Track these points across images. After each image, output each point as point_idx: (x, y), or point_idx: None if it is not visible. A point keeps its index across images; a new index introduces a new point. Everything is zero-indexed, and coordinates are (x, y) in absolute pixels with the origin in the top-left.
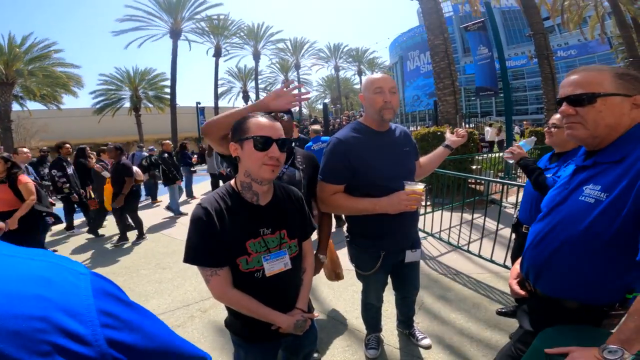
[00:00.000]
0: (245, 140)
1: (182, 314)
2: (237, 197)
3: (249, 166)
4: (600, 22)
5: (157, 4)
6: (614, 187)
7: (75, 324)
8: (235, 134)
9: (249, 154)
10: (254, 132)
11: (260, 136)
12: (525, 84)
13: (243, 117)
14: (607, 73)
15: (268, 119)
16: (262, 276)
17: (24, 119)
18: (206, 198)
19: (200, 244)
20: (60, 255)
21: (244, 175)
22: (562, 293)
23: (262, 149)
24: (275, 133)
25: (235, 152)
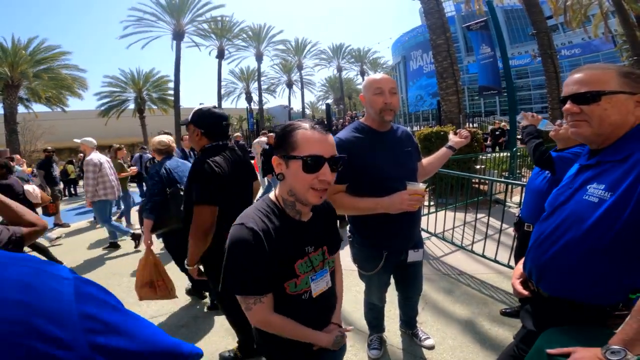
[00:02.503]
0: (292, 159)
1: (186, 314)
2: (282, 214)
3: (295, 187)
4: (604, 21)
5: (160, 6)
6: (618, 186)
7: (56, 328)
8: (281, 148)
9: (295, 174)
10: (302, 149)
11: (311, 157)
12: (529, 82)
13: (289, 127)
14: (612, 71)
15: (319, 132)
16: (309, 297)
17: (29, 121)
18: (247, 216)
19: (248, 272)
20: (44, 260)
21: (288, 194)
22: (565, 293)
23: (312, 171)
24: (328, 150)
25: (279, 168)
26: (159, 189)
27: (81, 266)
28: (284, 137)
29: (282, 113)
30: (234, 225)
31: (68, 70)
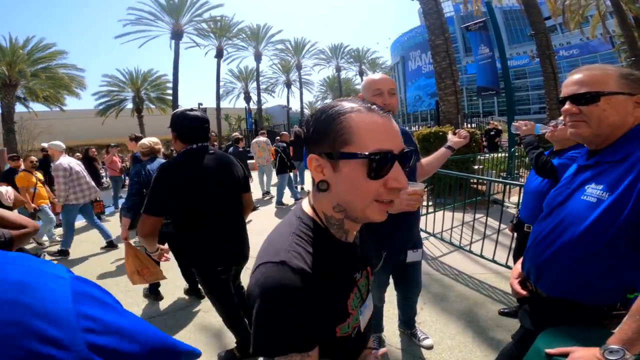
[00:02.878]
0: (346, 159)
1: (184, 314)
2: (327, 236)
3: (348, 200)
4: (602, 22)
5: (159, 5)
6: (616, 187)
7: (52, 328)
8: (321, 142)
9: (351, 181)
10: (362, 143)
11: (378, 153)
12: (527, 83)
13: (333, 109)
14: (611, 72)
15: (382, 116)
16: (357, 333)
17: (27, 121)
18: (285, 248)
19: (295, 326)
20: (42, 259)
21: (334, 209)
22: (563, 293)
23: (379, 175)
24: (397, 141)
25: (320, 172)
26: (136, 190)
27: (78, 266)
28: (326, 126)
29: (280, 113)
30: (266, 265)
31: (66, 70)
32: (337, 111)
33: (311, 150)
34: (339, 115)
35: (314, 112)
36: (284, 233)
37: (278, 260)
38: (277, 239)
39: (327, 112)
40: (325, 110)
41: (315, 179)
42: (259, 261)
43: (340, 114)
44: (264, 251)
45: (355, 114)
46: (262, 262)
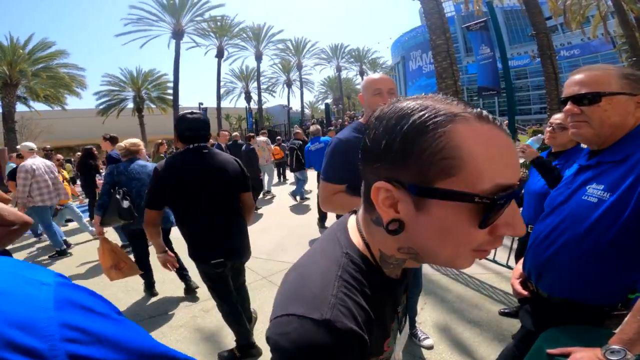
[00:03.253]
0: (452, 199)
1: (184, 314)
2: (377, 276)
3: (432, 248)
4: (603, 22)
5: (160, 5)
6: (617, 187)
7: (30, 338)
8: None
9: (447, 228)
10: (481, 173)
11: (502, 191)
12: (528, 83)
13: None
14: (613, 72)
15: (499, 129)
16: None
17: (27, 120)
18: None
19: None
20: (25, 263)
21: (399, 251)
22: (563, 293)
23: (493, 220)
24: (518, 167)
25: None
26: (106, 190)
27: (76, 266)
28: (411, 141)
29: (281, 113)
30: (303, 320)
31: (67, 69)
32: (430, 118)
33: (377, 174)
34: (437, 126)
35: (381, 113)
36: (325, 273)
37: (320, 317)
38: (316, 280)
39: (412, 118)
40: (405, 114)
41: (384, 217)
42: (289, 306)
43: (439, 124)
44: (296, 293)
45: (462, 125)
46: (296, 312)
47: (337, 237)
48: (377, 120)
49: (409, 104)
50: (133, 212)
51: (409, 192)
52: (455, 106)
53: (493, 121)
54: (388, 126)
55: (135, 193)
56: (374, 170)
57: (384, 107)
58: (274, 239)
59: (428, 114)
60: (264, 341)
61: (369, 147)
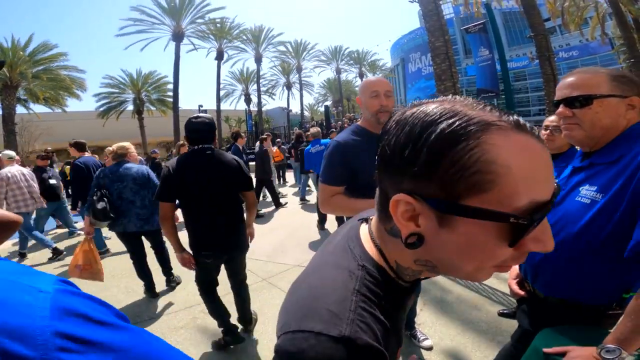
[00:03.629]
0: (484, 218)
1: (185, 315)
2: (394, 287)
3: (453, 264)
4: (600, 23)
5: (160, 7)
6: (609, 188)
7: (22, 346)
8: (424, 173)
9: (474, 244)
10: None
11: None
12: (527, 85)
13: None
14: (603, 75)
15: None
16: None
17: (27, 122)
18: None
19: None
20: (25, 267)
21: (416, 263)
22: (559, 293)
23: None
24: (552, 181)
25: (410, 219)
26: (92, 192)
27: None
28: (439, 151)
29: (280, 115)
30: (319, 337)
31: (67, 71)
32: (462, 127)
33: (397, 185)
34: (469, 136)
35: (400, 119)
36: (341, 287)
37: (338, 334)
38: (331, 295)
39: (440, 126)
40: (432, 121)
41: (403, 230)
42: (303, 321)
43: (471, 134)
44: (310, 308)
45: (498, 135)
46: (313, 329)
47: (350, 247)
48: (397, 125)
49: (435, 108)
50: (108, 214)
51: (432, 207)
52: (488, 113)
53: (531, 130)
54: (412, 134)
55: (116, 195)
56: (393, 180)
57: (405, 111)
58: (274, 240)
59: (459, 121)
60: (263, 343)
61: (388, 155)
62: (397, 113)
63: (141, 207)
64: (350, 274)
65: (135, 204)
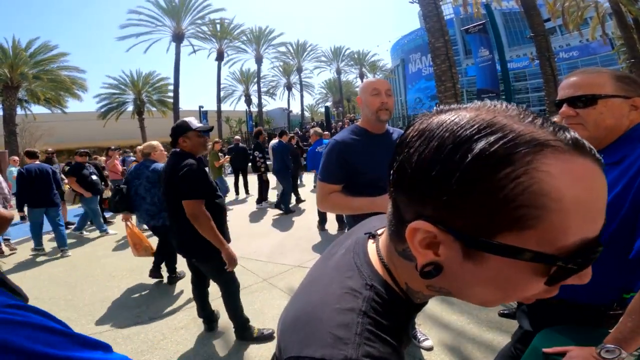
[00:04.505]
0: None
1: (185, 315)
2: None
3: (474, 293)
4: (601, 23)
5: (160, 8)
6: (612, 188)
7: None
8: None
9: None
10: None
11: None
12: (527, 85)
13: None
14: (607, 75)
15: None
16: None
17: (28, 123)
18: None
19: None
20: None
21: (428, 288)
22: (560, 293)
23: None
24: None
25: (428, 247)
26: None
27: (78, 268)
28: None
29: (281, 116)
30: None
31: (68, 72)
32: (507, 147)
33: (416, 209)
34: (515, 160)
35: (423, 129)
36: (346, 308)
37: (343, 359)
38: (335, 317)
39: (478, 144)
40: (467, 137)
41: (418, 257)
42: (304, 347)
43: (519, 157)
44: (312, 332)
45: (552, 159)
46: (314, 355)
47: (357, 265)
48: (420, 136)
49: (471, 120)
50: (118, 206)
51: (457, 239)
52: (539, 129)
53: (590, 152)
54: (440, 151)
55: (133, 190)
56: (412, 203)
57: (430, 118)
58: (273, 241)
59: (504, 139)
60: (262, 344)
61: (409, 174)
62: (418, 121)
63: (150, 204)
64: (357, 293)
65: (146, 200)
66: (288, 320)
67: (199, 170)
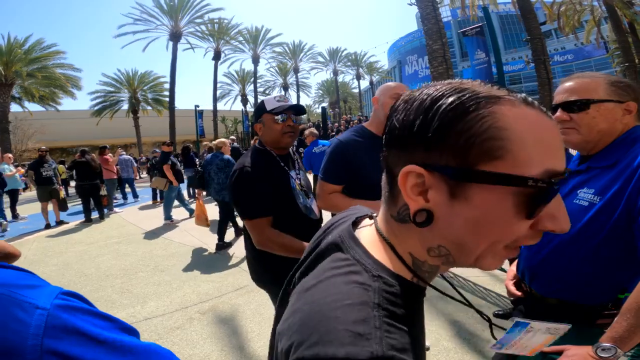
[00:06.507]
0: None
1: (181, 316)
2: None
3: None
4: (596, 27)
5: (158, 7)
6: (606, 191)
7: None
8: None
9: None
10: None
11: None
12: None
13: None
14: (601, 80)
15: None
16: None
17: (21, 121)
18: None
19: None
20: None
21: (429, 253)
22: (556, 293)
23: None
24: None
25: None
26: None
27: (73, 268)
28: (451, 121)
29: None
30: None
31: (62, 70)
32: (473, 98)
33: (408, 158)
34: (479, 106)
35: (409, 98)
36: (356, 302)
37: (369, 356)
38: (346, 311)
39: (451, 98)
40: (441, 95)
41: (411, 205)
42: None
43: (482, 105)
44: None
45: (508, 107)
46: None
47: (355, 258)
48: (406, 103)
49: (443, 87)
50: (197, 183)
51: (444, 178)
52: (497, 90)
53: (540, 107)
54: (421, 107)
55: (207, 174)
56: (402, 155)
57: (413, 91)
58: None
59: (469, 94)
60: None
61: (397, 130)
62: (404, 94)
63: (217, 184)
64: (366, 286)
65: (214, 181)
66: (292, 321)
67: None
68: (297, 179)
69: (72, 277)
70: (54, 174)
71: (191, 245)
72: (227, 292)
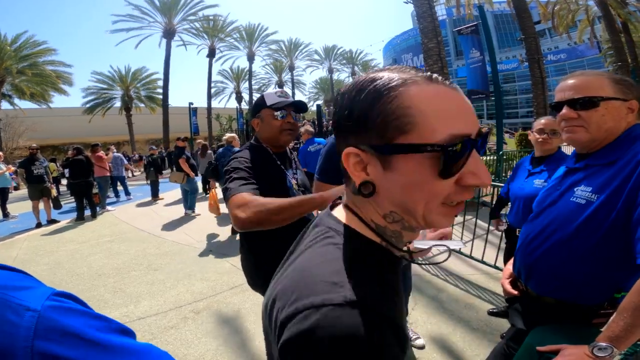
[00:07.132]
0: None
1: (175, 315)
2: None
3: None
4: (590, 26)
5: (151, 3)
6: (604, 189)
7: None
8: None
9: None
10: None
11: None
12: (515, 87)
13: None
14: (605, 78)
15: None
16: None
17: (12, 118)
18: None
19: None
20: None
21: (386, 219)
22: (552, 292)
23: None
24: (474, 119)
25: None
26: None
27: (64, 268)
28: (369, 107)
29: None
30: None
31: (54, 67)
32: (383, 85)
33: (346, 142)
34: (388, 91)
35: (345, 89)
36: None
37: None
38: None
39: (368, 88)
40: (363, 85)
41: (355, 180)
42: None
43: (390, 89)
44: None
45: (412, 87)
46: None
47: (329, 226)
48: (341, 96)
49: (366, 76)
50: (212, 175)
51: (375, 154)
52: (407, 72)
53: (443, 82)
54: (349, 98)
55: (221, 166)
56: (343, 140)
57: (347, 84)
58: None
59: (381, 81)
60: (259, 340)
61: (336, 120)
62: (341, 88)
63: None
64: (339, 246)
65: None
66: (278, 291)
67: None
68: (294, 178)
69: (64, 276)
70: (45, 172)
71: (185, 243)
72: (221, 291)
